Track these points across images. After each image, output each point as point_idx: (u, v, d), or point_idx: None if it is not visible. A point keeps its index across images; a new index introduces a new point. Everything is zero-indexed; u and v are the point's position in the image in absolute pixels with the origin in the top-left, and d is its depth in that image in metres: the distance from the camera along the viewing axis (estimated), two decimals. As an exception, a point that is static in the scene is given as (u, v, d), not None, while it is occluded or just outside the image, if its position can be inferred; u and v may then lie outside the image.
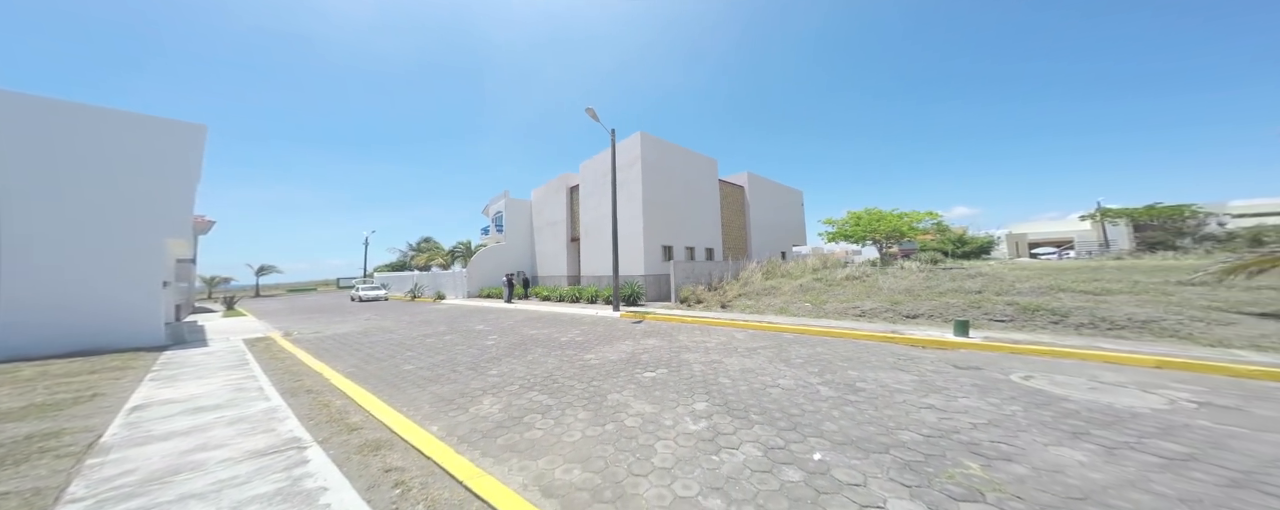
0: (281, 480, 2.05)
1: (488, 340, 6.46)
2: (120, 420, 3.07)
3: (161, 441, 2.64)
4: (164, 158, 7.57)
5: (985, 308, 6.39)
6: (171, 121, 7.82)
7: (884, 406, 2.89)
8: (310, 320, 11.49)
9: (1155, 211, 24.76)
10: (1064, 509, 1.60)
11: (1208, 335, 4.48)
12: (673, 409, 2.93)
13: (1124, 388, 3.22)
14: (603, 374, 4.02)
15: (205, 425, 2.93)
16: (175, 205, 7.72)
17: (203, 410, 3.30)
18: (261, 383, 4.22)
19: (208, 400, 3.60)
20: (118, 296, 6.92)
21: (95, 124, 7.06)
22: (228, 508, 1.81)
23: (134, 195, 7.18)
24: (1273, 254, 4.50)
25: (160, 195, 7.46)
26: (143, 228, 7.25)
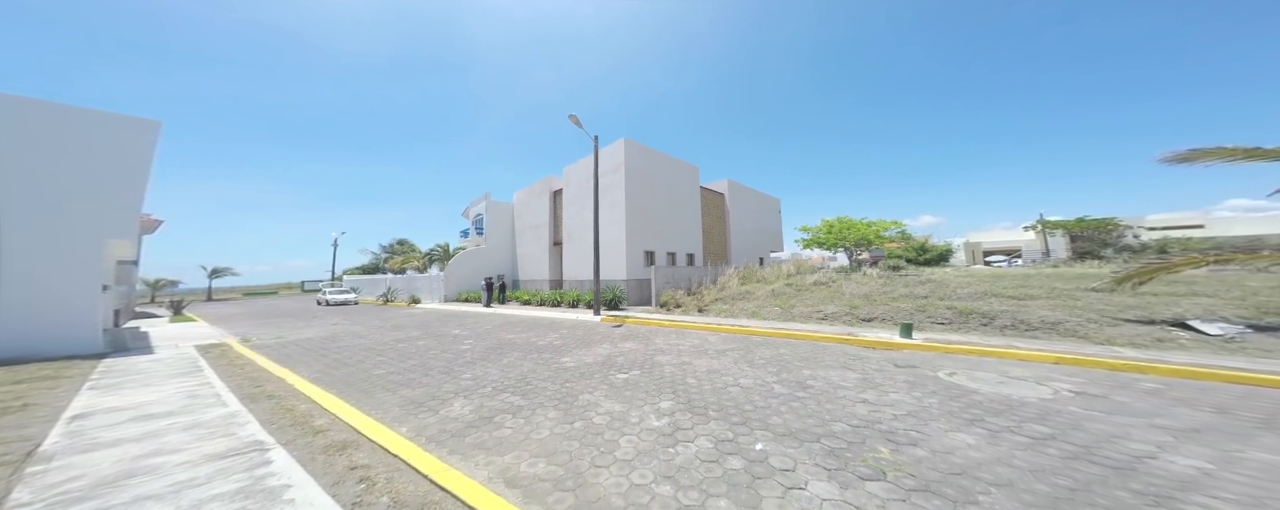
0: (244, 480, 2.10)
1: (463, 345, 6.48)
2: (60, 429, 2.96)
3: (110, 448, 2.59)
4: (109, 154, 7.08)
5: (929, 312, 7.10)
6: (119, 116, 7.34)
7: (826, 401, 3.27)
8: (270, 325, 10.91)
9: (1084, 224, 27.72)
10: (945, 482, 1.97)
11: (1099, 335, 5.26)
12: (640, 407, 3.18)
13: (1024, 381, 3.79)
14: (577, 376, 4.22)
15: (158, 431, 2.88)
16: (120, 204, 7.22)
17: (154, 417, 3.22)
18: (218, 389, 4.12)
19: (159, 407, 3.50)
20: (49, 300, 6.41)
21: (31, 117, 6.54)
22: (188, 506, 1.85)
23: (72, 193, 6.69)
24: (1149, 265, 5.37)
25: (103, 194, 6.97)
26: (80, 227, 6.75)
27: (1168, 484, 1.90)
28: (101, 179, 6.98)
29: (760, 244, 25.01)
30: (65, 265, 6.60)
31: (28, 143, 6.46)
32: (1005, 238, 35.84)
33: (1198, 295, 6.51)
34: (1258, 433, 2.54)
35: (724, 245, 21.61)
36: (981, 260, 35.02)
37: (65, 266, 6.60)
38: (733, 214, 22.21)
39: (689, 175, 18.69)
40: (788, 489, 1.94)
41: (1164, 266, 5.21)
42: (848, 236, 25.12)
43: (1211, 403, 3.12)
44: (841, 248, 25.82)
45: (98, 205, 6.93)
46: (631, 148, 15.18)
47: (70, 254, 6.66)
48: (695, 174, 19.16)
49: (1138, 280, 5.48)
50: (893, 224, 26.73)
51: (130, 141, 7.36)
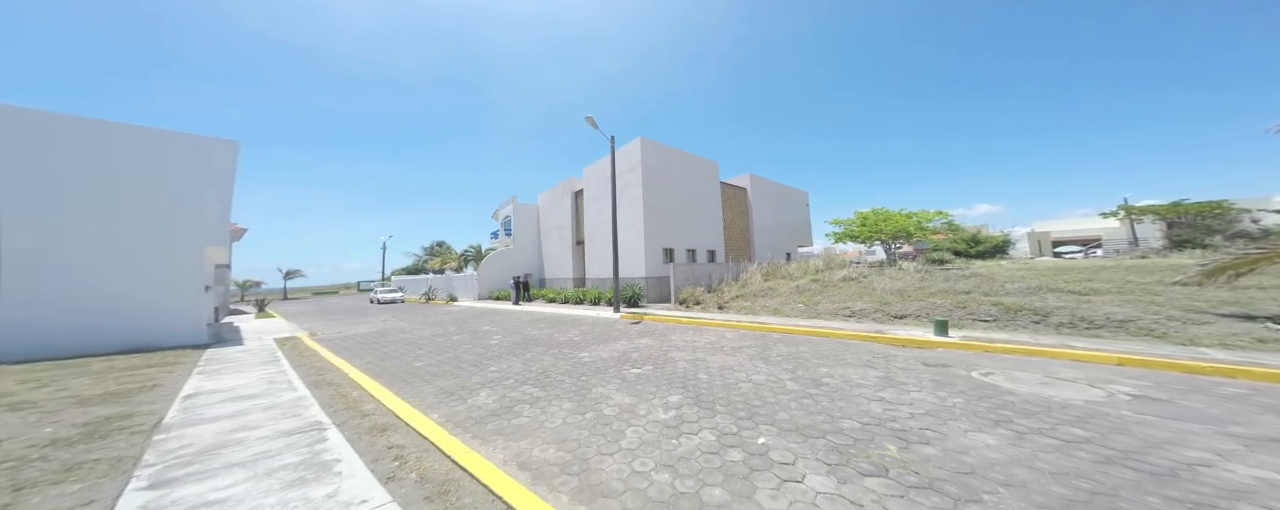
0: (305, 454, 2.50)
1: (492, 340, 6.99)
2: (177, 406, 3.64)
3: (211, 423, 3.16)
4: (201, 172, 8.38)
5: (970, 308, 6.55)
6: (208, 138, 8.65)
7: (840, 399, 3.21)
8: (333, 322, 12.34)
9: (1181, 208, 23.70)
10: (950, 480, 1.91)
11: (1180, 334, 4.60)
12: (649, 401, 3.32)
13: (1074, 383, 3.45)
14: (593, 370, 4.45)
15: (244, 411, 3.45)
16: (212, 216, 8.52)
17: (242, 398, 3.85)
18: (290, 377, 4.79)
19: (246, 390, 4.16)
20: (165, 301, 7.76)
21: (139, 143, 7.85)
22: (262, 473, 2.23)
23: (175, 208, 8.00)
24: (1246, 255, 4.56)
25: (199, 207, 8.27)
26: (184, 238, 8.09)
27: (1214, 492, 1.72)
28: (198, 193, 8.28)
29: (787, 239, 24.06)
30: (177, 270, 7.95)
31: (138, 163, 7.77)
32: (1079, 226, 31.47)
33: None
34: (1362, 446, 2.17)
35: (747, 241, 21.07)
36: (1050, 251, 31.05)
37: (178, 271, 7.95)
38: (756, 209, 21.57)
39: (708, 171, 18.42)
40: (784, 481, 1.98)
41: (1267, 256, 4.42)
42: (884, 229, 23.47)
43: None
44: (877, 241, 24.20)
45: (197, 216, 8.24)
46: (648, 146, 15.25)
47: (180, 260, 8.01)
48: (714, 170, 18.84)
49: (1234, 272, 4.70)
50: (937, 214, 24.54)
51: (218, 159, 8.66)
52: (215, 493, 2.05)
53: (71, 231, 7.15)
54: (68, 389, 4.30)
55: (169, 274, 7.84)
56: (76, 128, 7.41)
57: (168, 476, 2.25)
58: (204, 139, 8.60)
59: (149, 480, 2.21)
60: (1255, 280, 5.64)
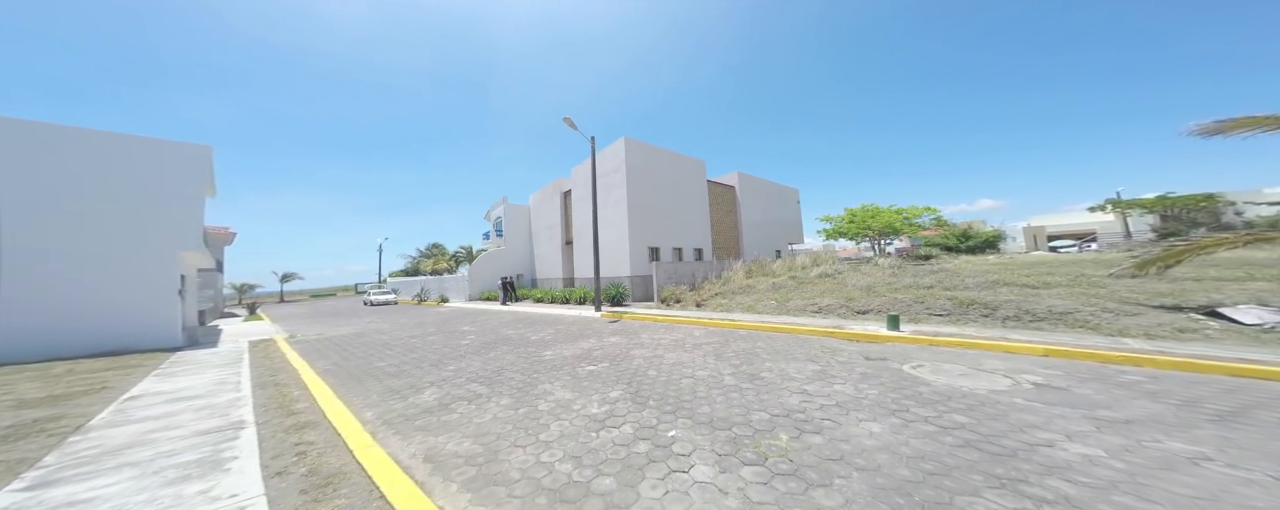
0: (206, 452, 2.55)
1: (464, 340, 7.21)
2: (113, 407, 3.66)
3: (135, 424, 3.13)
4: (172, 177, 8.45)
5: (928, 303, 6.77)
6: (177, 143, 8.71)
7: (766, 393, 3.42)
8: (319, 324, 12.56)
9: (1167, 201, 23.91)
10: (816, 466, 2.09)
11: (1112, 325, 4.82)
12: (588, 396, 3.53)
13: (991, 374, 3.67)
14: (549, 368, 4.66)
15: (176, 411, 3.46)
16: (185, 220, 8.58)
17: (182, 400, 3.85)
18: (243, 377, 4.85)
19: (190, 392, 4.15)
20: (137, 304, 7.86)
21: (108, 149, 7.93)
22: (150, 472, 2.25)
23: (146, 212, 8.09)
24: (1172, 248, 4.76)
25: (170, 211, 8.34)
26: (156, 241, 8.17)
27: (1034, 469, 1.94)
28: (169, 197, 8.36)
29: (777, 236, 24.26)
30: (149, 274, 8.03)
31: (108, 169, 7.87)
32: (1076, 220, 31.61)
33: (1254, 280, 5.65)
34: (1202, 425, 2.39)
35: (736, 239, 21.26)
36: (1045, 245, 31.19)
37: (149, 275, 8.03)
38: (744, 206, 21.75)
39: (694, 170, 18.57)
40: (672, 471, 2.14)
41: (1191, 248, 4.63)
42: (872, 225, 23.64)
43: (1185, 396, 2.90)
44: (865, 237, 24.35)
45: (166, 221, 8.31)
46: (632, 146, 15.40)
47: (151, 264, 8.08)
48: (701, 168, 18.99)
49: (1163, 264, 4.91)
50: (925, 209, 24.71)
51: (189, 164, 8.75)
52: (89, 492, 2.08)
53: (40, 237, 7.26)
54: (14, 392, 4.41)
55: (140, 278, 7.95)
56: (43, 134, 7.49)
57: (53, 478, 2.26)
58: (174, 144, 8.70)
59: (31, 481, 2.23)
60: (1193, 273, 5.86)
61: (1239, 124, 4.09)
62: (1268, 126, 3.97)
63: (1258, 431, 2.30)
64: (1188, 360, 3.50)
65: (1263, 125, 3.97)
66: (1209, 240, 4.41)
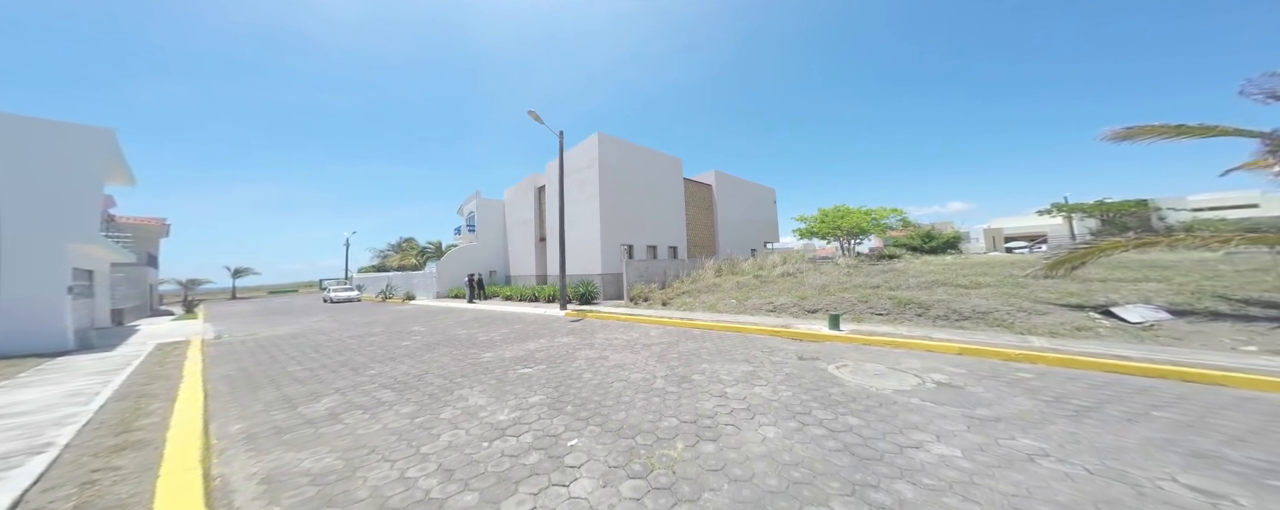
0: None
1: (407, 341, 6.95)
2: None
3: None
4: (62, 162, 7.45)
5: (871, 302, 7.08)
6: (69, 125, 7.71)
7: (687, 397, 3.44)
8: (260, 322, 11.79)
9: (1104, 207, 25.98)
10: (694, 479, 2.06)
11: (1024, 324, 5.19)
12: (505, 402, 3.44)
13: (904, 373, 3.86)
14: (480, 371, 4.55)
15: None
16: (78, 210, 7.61)
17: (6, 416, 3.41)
18: (109, 388, 4.35)
19: (24, 407, 3.68)
20: (15, 303, 6.93)
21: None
22: None
23: (26, 201, 7.12)
24: (1076, 249, 5.19)
25: (59, 200, 7.36)
26: (39, 234, 7.18)
27: (889, 473, 2.04)
28: (54, 185, 7.35)
29: (754, 235, 24.73)
30: (28, 270, 7.04)
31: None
32: (1031, 223, 33.86)
33: (1148, 280, 6.23)
34: (1058, 420, 2.60)
35: (711, 237, 21.52)
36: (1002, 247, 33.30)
37: (28, 271, 7.04)
38: (720, 205, 22.00)
39: (671, 167, 18.58)
40: (551, 485, 2.06)
41: (1091, 251, 5.04)
42: (841, 225, 24.50)
43: (1058, 392, 3.15)
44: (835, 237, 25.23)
45: (53, 211, 7.32)
46: (605, 141, 15.21)
47: (32, 259, 7.08)
48: (677, 166, 19.02)
49: (1070, 265, 5.33)
50: (892, 211, 25.81)
51: (84, 148, 7.76)
52: None
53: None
54: None
55: (17, 274, 6.98)
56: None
57: None
58: (64, 126, 7.69)
59: None
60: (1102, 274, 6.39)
61: (1142, 131, 4.46)
62: (1164, 134, 4.34)
63: (1100, 425, 2.52)
64: (1073, 357, 3.81)
65: (1160, 133, 4.34)
66: (1106, 244, 4.81)
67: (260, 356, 6.22)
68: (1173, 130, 4.29)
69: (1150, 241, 4.58)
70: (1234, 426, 2.45)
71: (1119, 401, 2.93)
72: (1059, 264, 5.37)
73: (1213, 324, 4.32)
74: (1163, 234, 4.54)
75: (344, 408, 3.45)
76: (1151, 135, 4.52)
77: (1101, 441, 2.30)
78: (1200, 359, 3.54)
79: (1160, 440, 2.30)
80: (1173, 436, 2.34)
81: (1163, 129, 4.36)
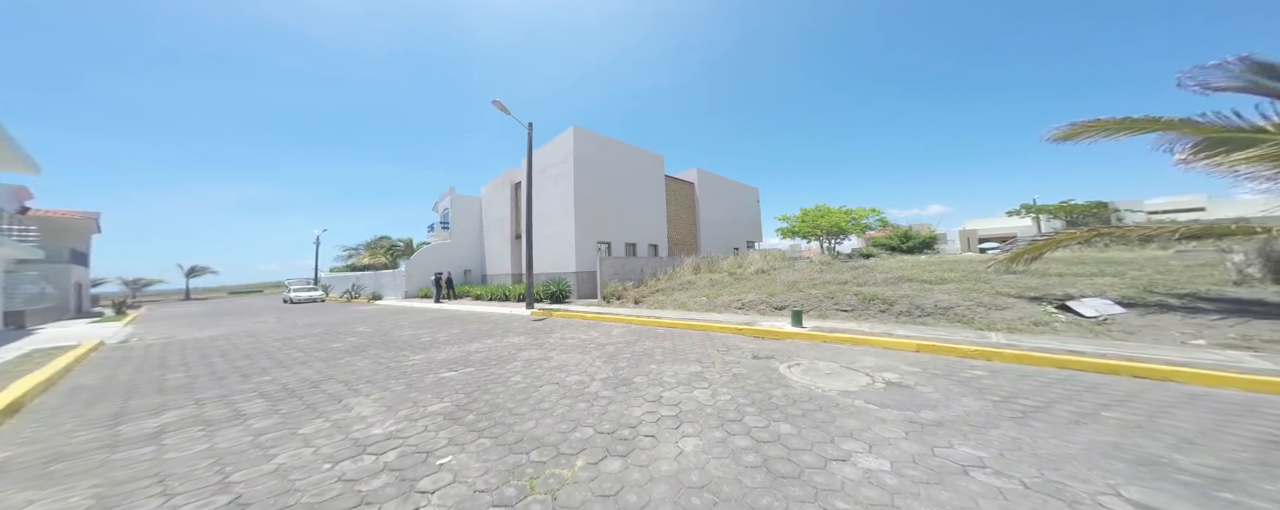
0: None
1: (338, 343, 6.38)
2: None
3: None
4: None
5: (837, 298, 6.91)
6: None
7: (618, 403, 3.07)
8: (198, 324, 10.82)
9: (1069, 208, 27.08)
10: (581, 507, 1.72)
11: (984, 319, 5.06)
12: (396, 412, 2.98)
13: (856, 373, 3.61)
14: (393, 375, 4.07)
15: None
16: None
17: None
18: None
19: None
20: None
21: None
22: None
23: None
24: (1034, 243, 5.13)
25: None
26: None
27: (802, 495, 1.73)
28: None
29: (736, 234, 24.66)
30: None
31: None
32: (1003, 224, 35.06)
33: (1103, 275, 6.26)
34: (1002, 423, 2.37)
35: (693, 235, 21.31)
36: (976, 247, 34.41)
37: None
38: (702, 204, 21.82)
39: (652, 164, 18.25)
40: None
41: (1047, 244, 4.98)
42: (821, 224, 24.68)
43: (1008, 391, 2.94)
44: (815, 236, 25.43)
45: None
46: (582, 136, 14.76)
47: None
48: (659, 162, 18.71)
49: (1028, 257, 5.25)
50: (871, 211, 26.23)
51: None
52: None
53: None
54: None
55: None
56: None
57: None
58: None
59: None
60: (1061, 269, 6.39)
61: (1086, 128, 4.35)
62: (1108, 131, 4.24)
63: (1046, 429, 2.29)
64: (1027, 353, 3.64)
65: (1104, 129, 4.24)
66: (1062, 235, 4.76)
67: (148, 364, 5.48)
68: (1116, 125, 4.20)
69: (1100, 233, 4.52)
70: (1184, 427, 2.26)
71: (1068, 400, 2.73)
72: (1017, 256, 5.29)
73: (1163, 317, 4.26)
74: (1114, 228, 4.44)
75: (181, 424, 2.93)
76: (1095, 132, 4.43)
77: (1045, 447, 2.06)
78: (1151, 353, 3.41)
79: (1107, 445, 2.08)
80: (1120, 440, 2.13)
81: (1107, 124, 4.27)
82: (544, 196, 15.57)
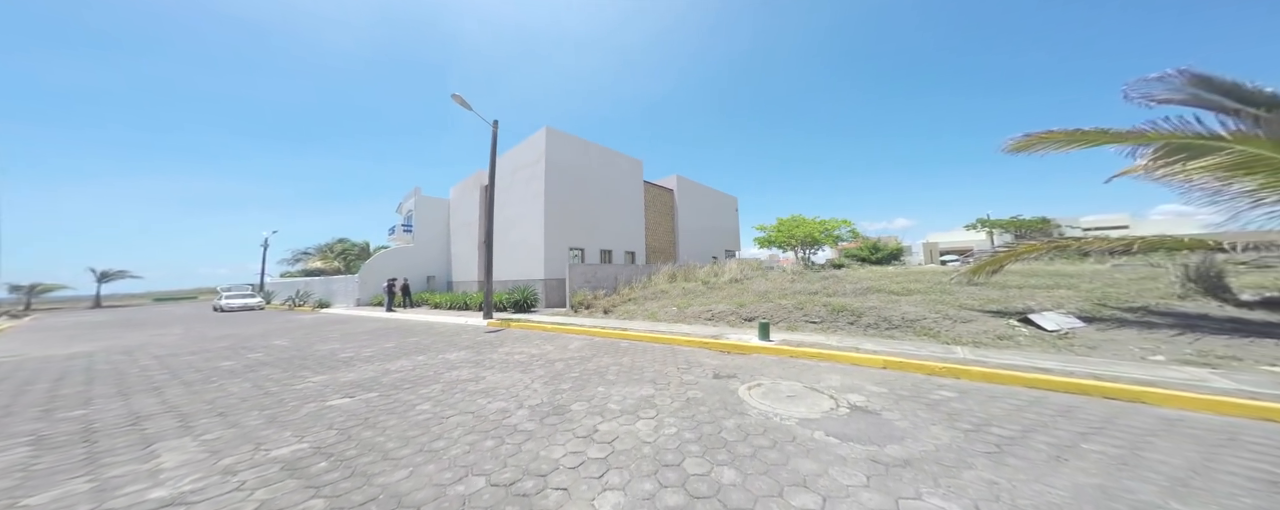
0: None
1: (231, 361, 5.40)
2: None
3: None
4: None
5: (806, 309, 6.66)
6: None
7: (540, 439, 2.54)
8: (73, 339, 9.10)
9: (1018, 223, 29.22)
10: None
11: (949, 333, 4.89)
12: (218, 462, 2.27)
13: (820, 394, 3.24)
14: (262, 406, 3.31)
15: None
16: None
17: None
18: None
19: None
20: None
21: None
22: None
23: None
24: (996, 255, 5.10)
25: None
26: None
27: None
28: None
29: (715, 243, 24.67)
30: None
31: None
32: (961, 238, 37.32)
33: (1059, 288, 6.39)
34: (976, 461, 2.01)
35: (672, 243, 21.06)
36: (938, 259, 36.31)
37: None
38: (681, 211, 21.70)
39: (630, 169, 17.95)
40: None
41: (1009, 254, 4.94)
42: (796, 234, 25.19)
43: (980, 417, 2.64)
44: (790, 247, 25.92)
45: None
46: (555, 137, 14.26)
47: None
48: (638, 167, 18.45)
49: (990, 269, 5.19)
50: (843, 222, 27.11)
51: None
52: None
53: None
54: None
55: None
56: None
57: None
58: None
59: None
60: (1018, 281, 6.46)
61: (1040, 140, 4.35)
62: (1058, 142, 4.24)
63: (1025, 468, 1.95)
64: (994, 371, 3.41)
65: (1056, 141, 4.24)
66: (1023, 247, 4.71)
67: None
68: (1066, 137, 4.23)
69: (1063, 244, 4.49)
70: (1172, 463, 1.98)
71: (1044, 428, 2.44)
72: (980, 268, 5.24)
73: (1120, 331, 4.22)
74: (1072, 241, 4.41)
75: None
76: (1048, 144, 4.46)
77: (1026, 495, 1.70)
78: (1117, 371, 3.26)
79: (1094, 490, 1.76)
80: (1107, 483, 1.81)
81: (1058, 136, 4.30)
82: (513, 199, 14.86)
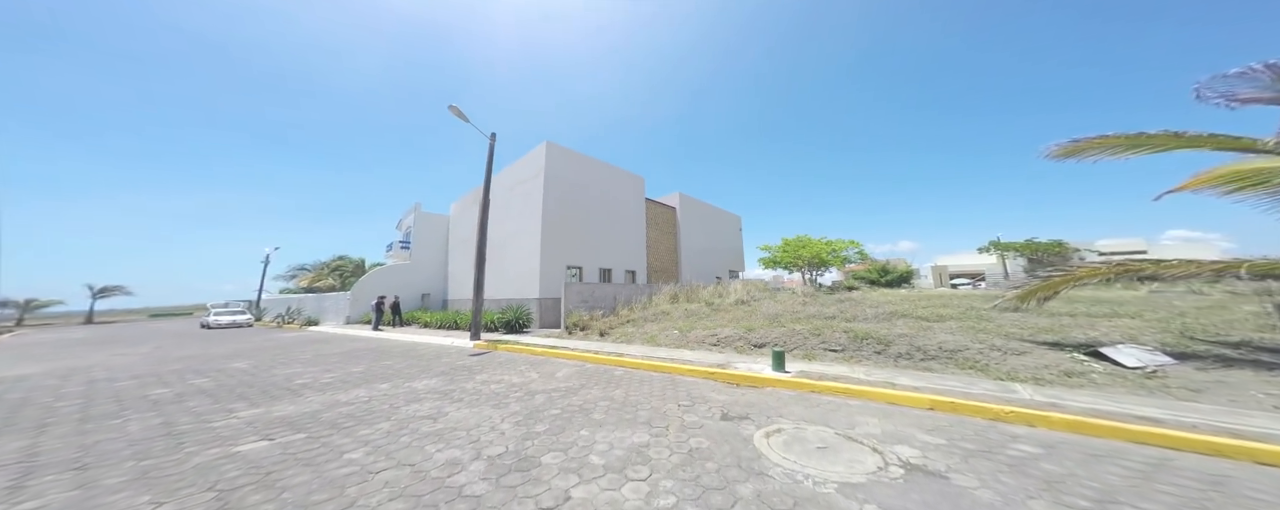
0: None
1: (173, 387, 4.75)
2: None
3: None
4: None
5: (824, 335, 5.93)
6: None
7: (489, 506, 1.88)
8: (40, 357, 8.52)
9: (1033, 246, 28.28)
10: None
11: (1000, 367, 4.14)
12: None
13: (859, 445, 2.53)
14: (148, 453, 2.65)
15: None
16: None
17: None
18: None
19: None
20: None
21: None
22: None
23: None
24: (1050, 279, 4.42)
25: None
26: None
27: None
28: None
29: (719, 263, 24.07)
30: None
31: None
32: (971, 261, 36.22)
33: (1119, 316, 5.61)
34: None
35: (674, 263, 20.50)
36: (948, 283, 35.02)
37: None
38: (684, 230, 21.35)
39: (632, 186, 17.81)
40: None
41: (1066, 279, 4.25)
42: (802, 255, 24.55)
43: (1086, 488, 1.91)
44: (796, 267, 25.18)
45: None
46: (555, 152, 14.22)
47: None
48: (640, 184, 18.32)
49: (1042, 295, 4.50)
50: (850, 244, 26.46)
51: None
52: None
53: None
54: None
55: None
56: None
57: None
58: None
59: None
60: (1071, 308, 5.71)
61: (1091, 145, 3.88)
62: (1115, 148, 3.75)
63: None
64: (1082, 419, 2.67)
65: (1111, 145, 3.75)
66: (1084, 270, 4.06)
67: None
68: (1126, 142, 3.73)
69: (1133, 268, 3.83)
70: None
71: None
72: (1030, 294, 4.54)
73: (1229, 372, 3.45)
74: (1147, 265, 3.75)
75: None
76: (1100, 149, 3.98)
77: None
78: (1253, 425, 2.52)
79: None
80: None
81: (1115, 141, 3.81)
82: (510, 215, 14.62)
